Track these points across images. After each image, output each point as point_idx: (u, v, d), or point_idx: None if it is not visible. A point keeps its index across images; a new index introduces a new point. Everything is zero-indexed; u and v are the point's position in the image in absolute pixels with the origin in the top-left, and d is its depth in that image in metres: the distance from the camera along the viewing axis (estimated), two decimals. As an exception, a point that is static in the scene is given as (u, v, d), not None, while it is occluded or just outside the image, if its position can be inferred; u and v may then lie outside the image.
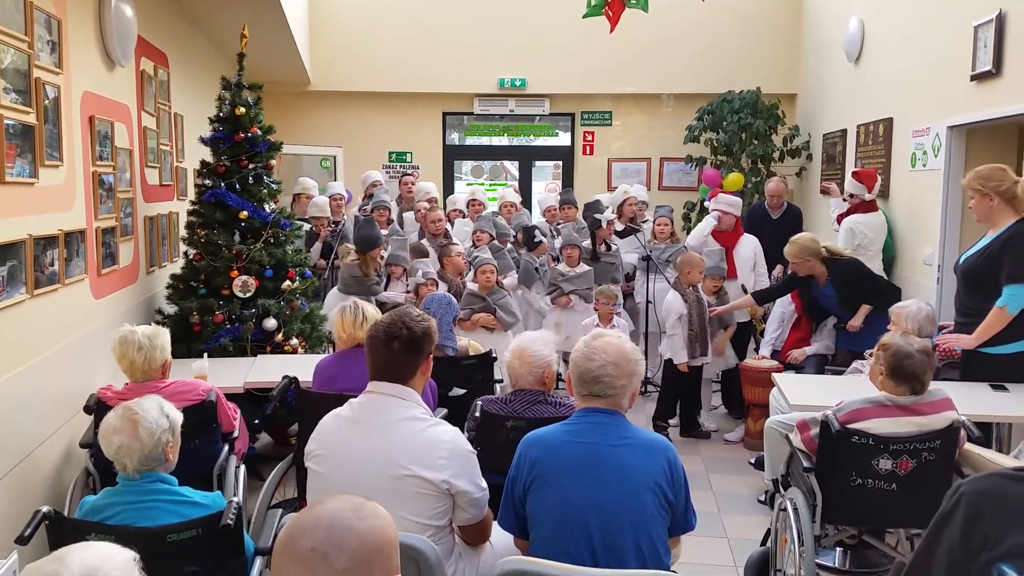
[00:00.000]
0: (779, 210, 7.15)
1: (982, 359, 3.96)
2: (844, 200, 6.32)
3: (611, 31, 6.61)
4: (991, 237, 4.02)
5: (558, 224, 7.31)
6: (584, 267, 6.22)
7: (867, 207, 5.99)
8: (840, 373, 4.76)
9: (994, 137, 5.43)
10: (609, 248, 6.55)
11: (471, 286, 5.81)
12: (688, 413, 5.84)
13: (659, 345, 5.98)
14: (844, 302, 5.11)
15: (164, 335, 3.49)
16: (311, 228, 6.85)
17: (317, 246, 6.80)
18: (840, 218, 6.37)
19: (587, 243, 6.54)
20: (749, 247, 6.00)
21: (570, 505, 2.27)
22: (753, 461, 5.05)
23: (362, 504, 1.36)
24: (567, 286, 6.14)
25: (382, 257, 6.15)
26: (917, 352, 3.06)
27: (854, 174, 6.26)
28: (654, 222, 6.84)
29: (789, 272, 5.39)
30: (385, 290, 6.07)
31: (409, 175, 8.31)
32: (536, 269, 6.52)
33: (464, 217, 7.57)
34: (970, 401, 3.56)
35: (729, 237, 5.97)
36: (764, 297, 5.69)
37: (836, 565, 3.89)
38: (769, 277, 6.38)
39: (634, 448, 2.33)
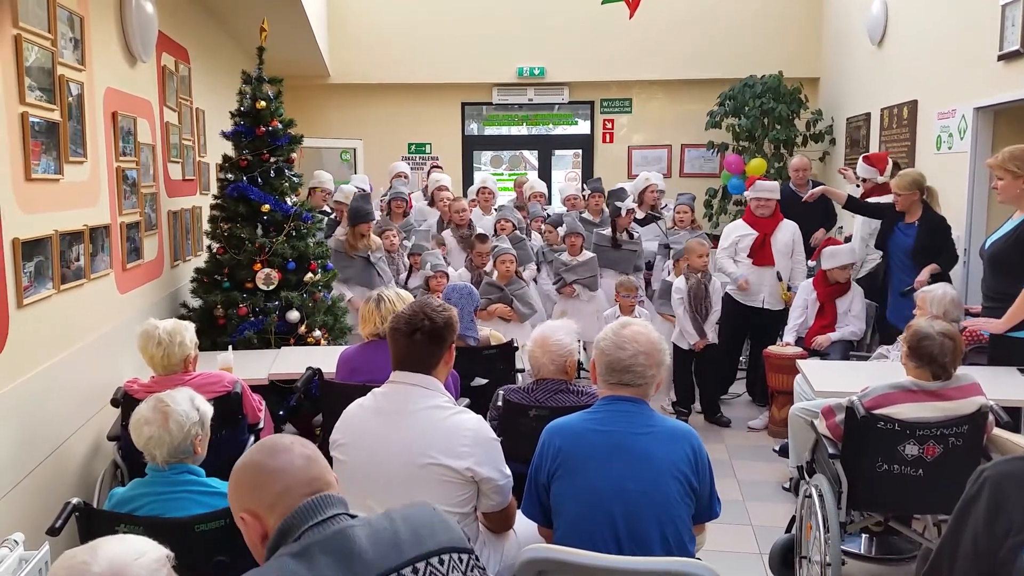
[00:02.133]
0: (805, 188, 7.05)
1: (1010, 343, 3.92)
2: (857, 185, 6.25)
3: (631, 17, 6.58)
4: (1018, 220, 3.96)
5: (581, 213, 7.28)
6: (587, 255, 6.17)
7: (881, 190, 5.92)
8: (865, 359, 4.72)
9: (1022, 118, 5.34)
10: (632, 236, 6.52)
11: (490, 275, 5.81)
12: (709, 397, 5.83)
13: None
14: (920, 249, 5.05)
15: (186, 331, 3.48)
16: (334, 216, 6.88)
17: (340, 230, 6.79)
18: None
19: (608, 231, 6.51)
20: (787, 233, 5.88)
21: (594, 493, 2.27)
22: (778, 449, 5.02)
23: None
24: (569, 276, 6.11)
25: (400, 245, 6.14)
26: (937, 334, 3.03)
27: (864, 158, 6.18)
28: (675, 210, 6.79)
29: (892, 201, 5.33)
30: (407, 280, 6.08)
31: (438, 166, 8.32)
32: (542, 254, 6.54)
33: (476, 207, 7.54)
34: (998, 386, 3.52)
35: (768, 223, 5.88)
36: (854, 205, 5.69)
37: (862, 552, 3.86)
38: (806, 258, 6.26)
39: (658, 436, 2.32)
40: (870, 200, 5.82)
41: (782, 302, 5.90)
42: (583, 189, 7.98)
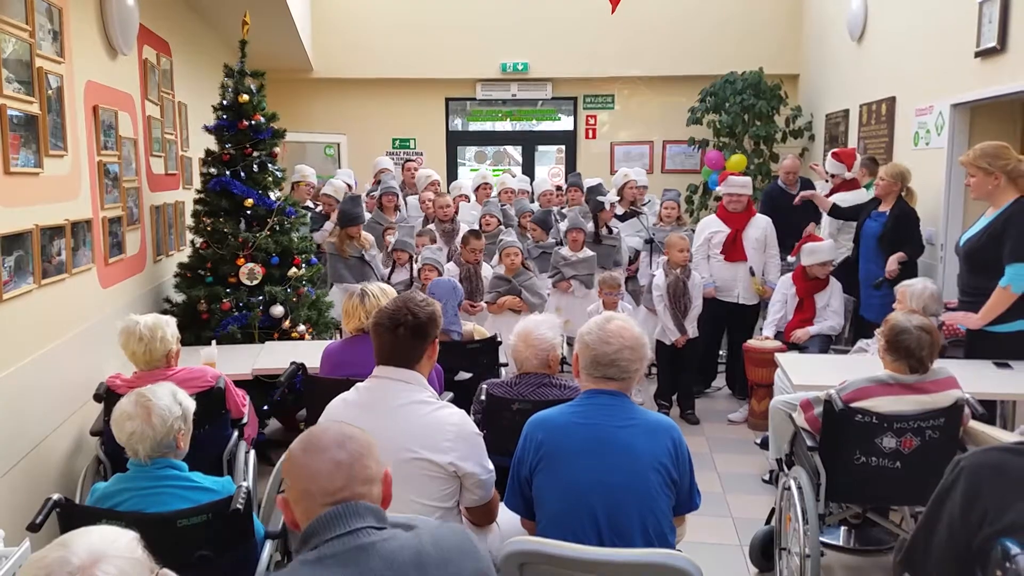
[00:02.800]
0: (795, 186, 7.10)
1: (986, 337, 3.97)
2: (826, 181, 6.32)
3: (612, 12, 6.59)
4: (992, 216, 4.01)
5: (562, 209, 7.30)
6: (587, 252, 6.18)
7: (849, 185, 6.02)
8: (846, 352, 4.77)
9: (998, 115, 5.41)
10: (611, 231, 6.55)
11: (496, 269, 5.83)
12: (686, 392, 5.87)
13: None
14: (885, 237, 5.16)
15: (167, 326, 3.46)
16: (320, 210, 6.86)
17: (328, 225, 6.76)
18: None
19: (589, 226, 6.53)
20: (759, 229, 5.92)
21: (576, 485, 2.29)
22: (759, 441, 5.07)
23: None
24: (568, 271, 6.12)
25: (396, 245, 6.14)
26: (914, 328, 3.07)
27: (833, 154, 6.25)
28: (661, 205, 6.82)
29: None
30: (390, 276, 6.09)
31: (412, 160, 8.32)
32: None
33: (470, 202, 7.56)
34: (974, 379, 3.57)
35: (740, 219, 5.92)
36: (838, 212, 5.83)
37: (841, 543, 3.91)
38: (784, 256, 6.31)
39: (639, 429, 2.35)
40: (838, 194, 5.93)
41: (757, 296, 5.97)
42: (567, 183, 8.00)
